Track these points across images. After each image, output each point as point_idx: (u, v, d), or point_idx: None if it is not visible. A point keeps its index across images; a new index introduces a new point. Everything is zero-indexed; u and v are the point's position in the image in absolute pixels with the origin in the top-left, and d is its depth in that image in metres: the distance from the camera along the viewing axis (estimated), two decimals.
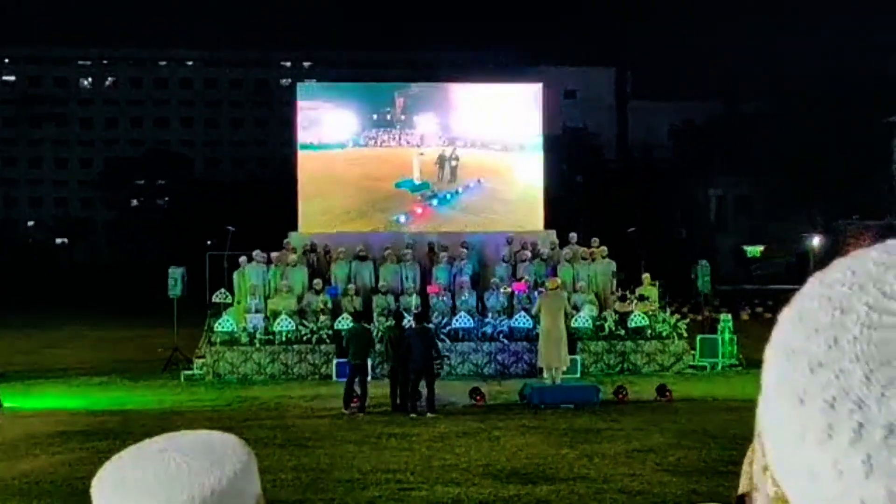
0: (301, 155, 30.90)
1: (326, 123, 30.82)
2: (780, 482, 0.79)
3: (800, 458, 0.75)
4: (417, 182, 30.85)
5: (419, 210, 30.71)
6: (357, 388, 20.10)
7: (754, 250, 24.83)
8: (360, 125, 30.85)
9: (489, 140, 31.04)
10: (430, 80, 55.39)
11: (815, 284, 0.80)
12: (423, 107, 31.23)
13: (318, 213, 30.33)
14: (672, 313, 27.62)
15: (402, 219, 30.44)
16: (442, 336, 24.91)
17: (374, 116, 31.04)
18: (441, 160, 31.01)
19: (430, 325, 23.44)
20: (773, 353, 0.79)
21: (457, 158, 31.10)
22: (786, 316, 0.80)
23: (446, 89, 33.36)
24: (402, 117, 30.99)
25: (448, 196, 30.97)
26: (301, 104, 31.34)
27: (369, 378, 23.47)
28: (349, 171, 30.61)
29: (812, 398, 0.74)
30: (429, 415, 19.03)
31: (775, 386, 0.78)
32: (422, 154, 30.86)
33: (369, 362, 24.32)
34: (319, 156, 30.80)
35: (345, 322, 25.06)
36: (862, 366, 0.73)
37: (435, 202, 30.85)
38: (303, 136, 31.00)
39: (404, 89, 32.22)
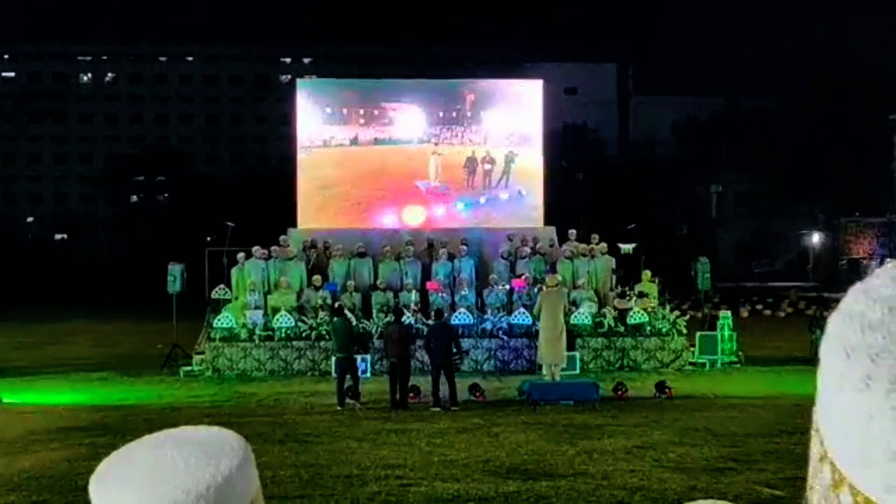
0: (303, 153, 30.79)
1: (399, 120, 30.54)
2: (822, 436, 0.87)
3: (839, 404, 0.83)
4: (434, 184, 30.57)
5: (421, 217, 30.25)
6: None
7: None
8: (428, 122, 30.65)
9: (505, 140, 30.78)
10: (432, 76, 55.33)
11: (887, 266, 0.88)
12: (489, 104, 30.89)
13: (327, 206, 30.18)
14: (672, 310, 27.63)
15: (390, 221, 30.09)
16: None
17: (441, 114, 30.82)
18: (470, 163, 30.63)
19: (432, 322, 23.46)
20: (834, 318, 0.87)
21: (492, 161, 30.67)
22: (852, 289, 0.88)
23: (509, 85, 32.89)
24: (469, 114, 30.74)
25: (463, 204, 30.53)
26: (386, 105, 30.75)
27: (368, 374, 23.59)
28: (393, 167, 30.26)
29: (858, 354, 0.82)
30: (453, 408, 19.13)
31: (829, 344, 0.86)
32: (436, 153, 30.51)
33: (368, 358, 24.44)
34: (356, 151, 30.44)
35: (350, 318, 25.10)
36: None
37: (442, 210, 30.40)
38: (372, 132, 30.48)
39: (472, 85, 32.08)
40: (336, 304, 24.03)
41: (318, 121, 30.68)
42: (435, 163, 30.44)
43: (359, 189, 30.38)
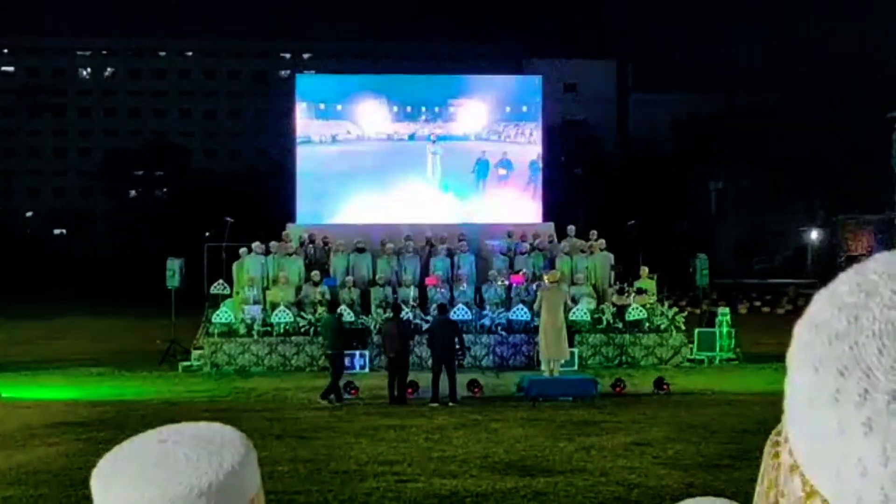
0: (302, 149, 30.79)
1: (459, 116, 30.41)
2: (792, 448, 0.86)
3: (809, 419, 0.81)
4: (434, 184, 30.42)
5: (417, 216, 29.90)
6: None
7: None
8: (491, 117, 30.51)
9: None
10: (430, 72, 55.21)
11: (850, 272, 0.86)
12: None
13: (326, 201, 30.17)
14: (670, 306, 27.63)
15: (389, 217, 30.00)
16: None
17: (508, 109, 30.70)
18: (481, 167, 30.47)
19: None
20: (799, 328, 0.85)
21: (508, 165, 30.49)
22: (817, 296, 0.86)
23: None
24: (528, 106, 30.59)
25: (456, 213, 30.13)
26: (453, 102, 30.45)
27: (367, 369, 23.63)
28: (395, 163, 30.06)
29: (826, 366, 0.80)
30: (451, 404, 19.13)
31: (796, 356, 0.84)
32: (434, 152, 30.32)
33: (367, 353, 24.47)
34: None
35: (343, 314, 25.11)
36: (876, 341, 0.79)
37: (435, 211, 30.16)
38: (429, 128, 30.34)
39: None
40: (329, 300, 24.06)
41: (320, 116, 30.62)
42: (432, 161, 30.36)
43: (359, 185, 30.35)
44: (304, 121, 30.77)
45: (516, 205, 30.48)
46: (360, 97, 30.73)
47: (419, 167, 30.36)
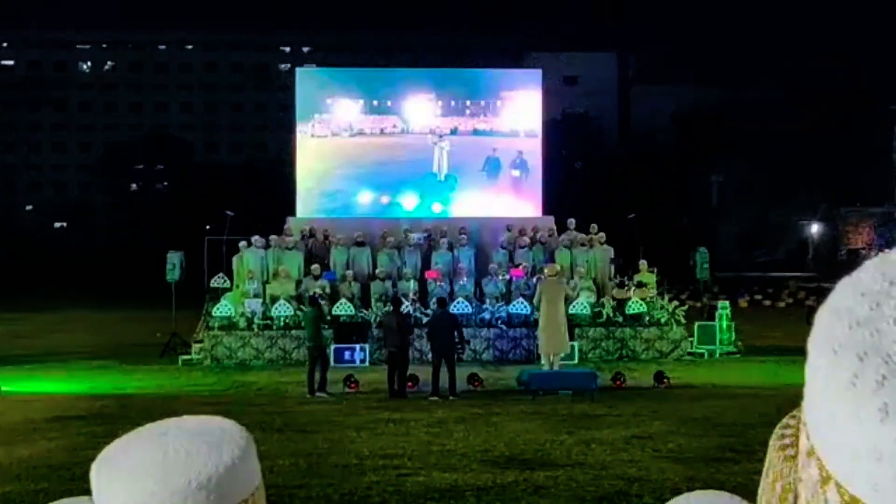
0: (300, 142, 30.77)
1: (504, 111, 30.35)
2: (809, 432, 0.85)
3: (826, 404, 0.81)
4: (441, 179, 30.40)
5: (422, 209, 29.97)
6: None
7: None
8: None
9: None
10: (430, 66, 55.14)
11: (876, 260, 0.86)
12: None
13: (327, 195, 30.16)
14: (670, 300, 27.62)
15: (390, 210, 30.06)
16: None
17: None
18: (491, 164, 30.43)
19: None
20: (821, 313, 0.85)
21: (522, 166, 30.40)
22: (841, 283, 0.86)
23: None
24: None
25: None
26: (504, 93, 30.47)
27: (366, 363, 23.65)
28: (402, 158, 30.01)
29: (845, 351, 0.80)
30: (451, 398, 19.15)
31: (817, 341, 0.83)
32: (440, 145, 30.21)
33: (367, 347, 24.48)
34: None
35: (343, 308, 25.13)
36: None
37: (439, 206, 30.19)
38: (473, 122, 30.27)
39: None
40: (311, 294, 24.08)
41: (323, 108, 30.53)
42: (438, 155, 30.26)
43: (360, 178, 30.31)
44: (305, 113, 30.66)
45: (516, 199, 30.43)
46: (408, 91, 30.40)
47: (429, 162, 30.27)
